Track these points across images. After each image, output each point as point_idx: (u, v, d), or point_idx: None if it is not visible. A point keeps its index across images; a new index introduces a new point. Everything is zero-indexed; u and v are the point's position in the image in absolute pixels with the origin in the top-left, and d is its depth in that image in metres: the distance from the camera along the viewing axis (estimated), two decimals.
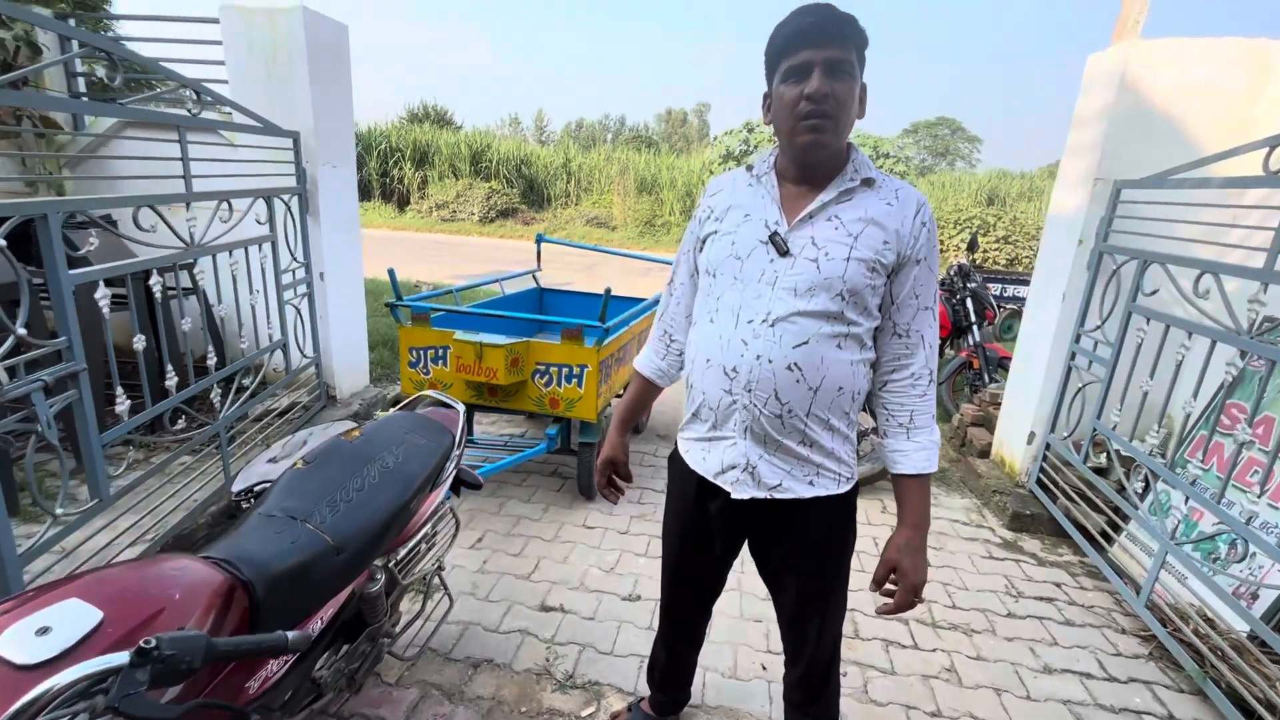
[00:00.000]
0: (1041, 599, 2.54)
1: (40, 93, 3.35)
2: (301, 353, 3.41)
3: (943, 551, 2.84)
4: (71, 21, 3.71)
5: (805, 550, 1.31)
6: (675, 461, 1.41)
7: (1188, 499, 2.27)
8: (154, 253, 2.31)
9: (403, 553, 1.55)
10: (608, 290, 2.77)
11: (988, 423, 3.86)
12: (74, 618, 0.81)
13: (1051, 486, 3.05)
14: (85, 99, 3.78)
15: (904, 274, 1.17)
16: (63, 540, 1.95)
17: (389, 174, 18.78)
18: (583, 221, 16.94)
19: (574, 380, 2.73)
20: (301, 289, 3.38)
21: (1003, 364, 4.38)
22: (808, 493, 1.23)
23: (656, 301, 3.62)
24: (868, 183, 1.17)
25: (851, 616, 2.34)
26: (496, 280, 3.87)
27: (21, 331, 1.65)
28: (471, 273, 9.39)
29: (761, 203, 1.21)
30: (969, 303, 4.52)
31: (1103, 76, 2.88)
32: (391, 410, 1.80)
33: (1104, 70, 2.88)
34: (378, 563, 1.46)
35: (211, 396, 2.61)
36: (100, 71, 3.64)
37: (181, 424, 2.43)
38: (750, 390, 1.17)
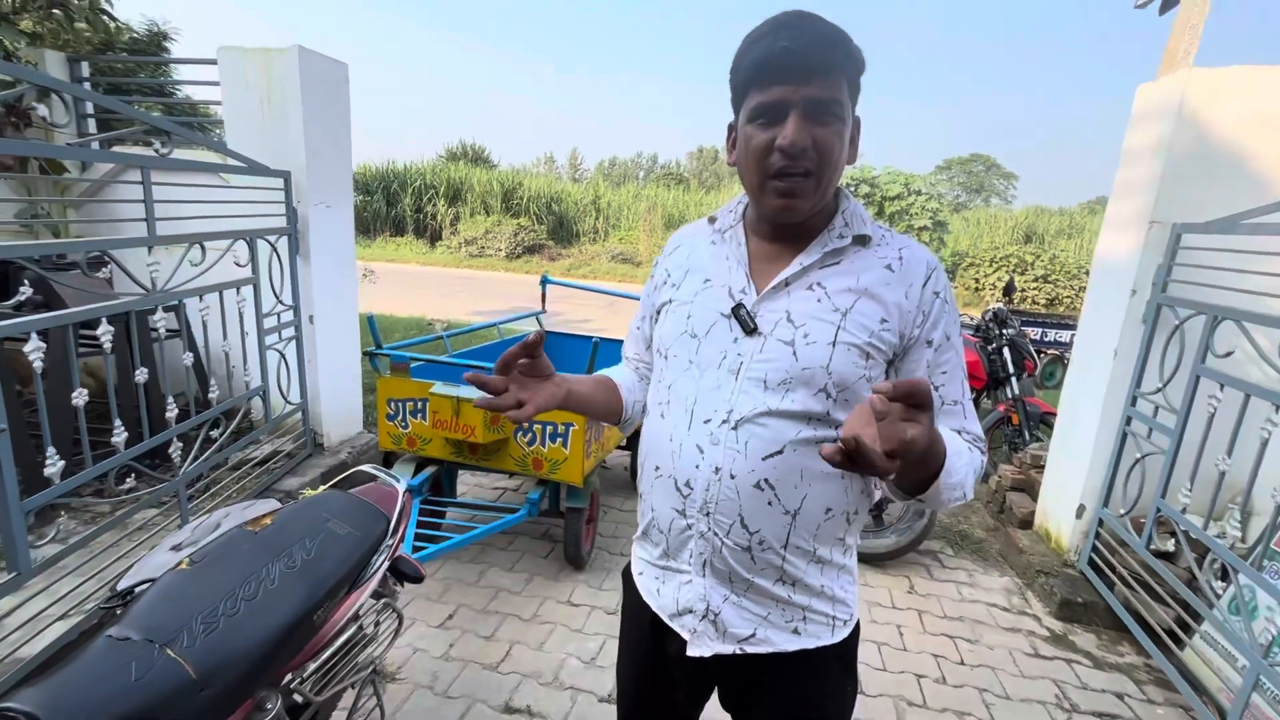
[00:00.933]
0: (1102, 715, 2.13)
1: (33, 141, 3.34)
2: (285, 399, 3.24)
3: (979, 646, 2.46)
4: (85, 66, 3.74)
5: (787, 701, 0.99)
6: (628, 580, 1.12)
7: None
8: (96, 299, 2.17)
9: (312, 668, 1.29)
10: (596, 341, 2.52)
11: (1030, 488, 3.46)
12: None
13: (1106, 570, 2.65)
14: (96, 144, 3.79)
15: (912, 360, 0.89)
16: None
17: (423, 210, 19.21)
18: (608, 257, 16.96)
19: (559, 439, 2.48)
20: (288, 332, 3.23)
21: (1045, 420, 3.98)
22: (792, 644, 0.94)
23: None
24: (861, 240, 0.90)
25: None
26: (494, 324, 3.68)
27: None
28: (490, 309, 9.32)
29: (725, 265, 0.95)
30: (1006, 351, 4.15)
31: (1157, 109, 2.58)
32: (322, 488, 1.57)
33: (1158, 102, 2.58)
34: (273, 686, 1.20)
35: (170, 451, 2.43)
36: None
37: (131, 482, 2.24)
38: (708, 514, 0.90)
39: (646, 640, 1.05)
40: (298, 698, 1.26)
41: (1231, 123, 2.39)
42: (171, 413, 2.40)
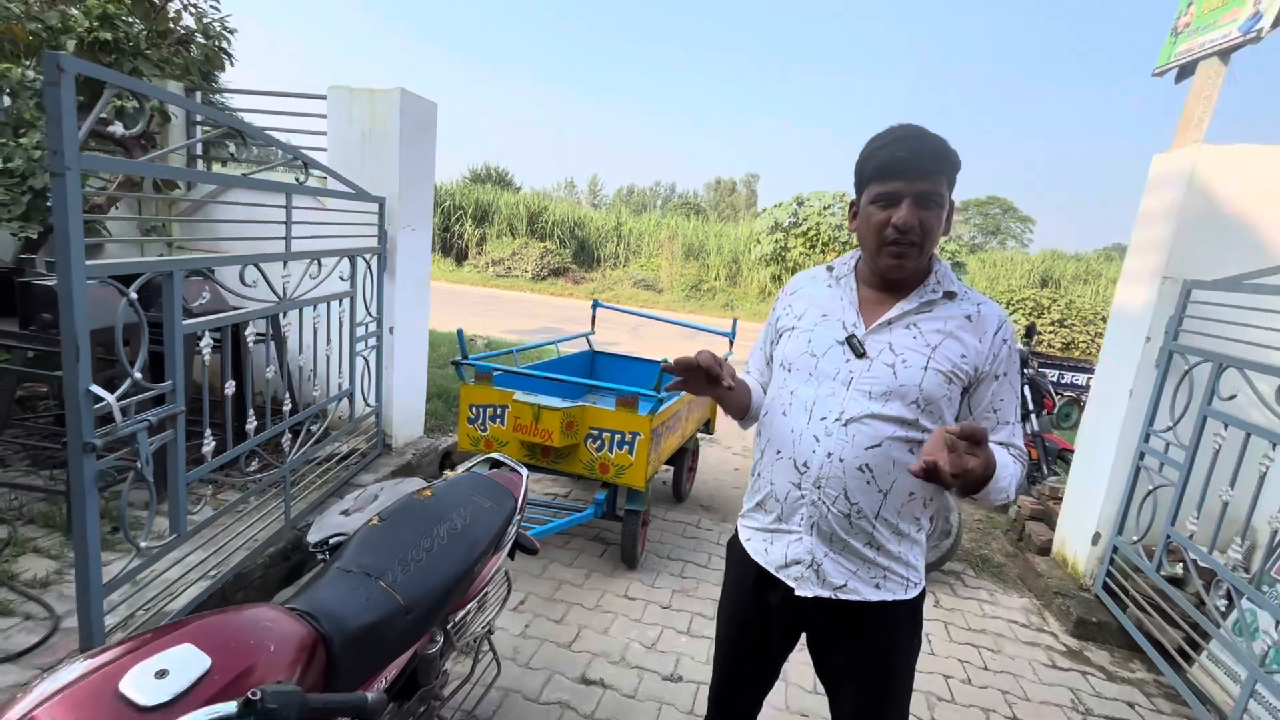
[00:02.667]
0: None
1: (184, 168, 3.73)
2: (366, 402, 3.56)
3: (1000, 655, 2.69)
4: (198, 95, 4.17)
5: (868, 654, 1.26)
6: (734, 548, 1.39)
7: (1278, 623, 2.11)
8: (244, 304, 2.51)
9: (461, 615, 1.58)
10: (665, 362, 2.82)
11: (1048, 518, 3.70)
12: (187, 663, 0.87)
13: (1120, 593, 2.87)
14: (200, 161, 4.20)
15: (982, 389, 1.18)
16: (140, 573, 2.05)
17: (450, 229, 19.80)
18: (630, 283, 17.37)
19: (625, 447, 2.77)
20: (372, 341, 3.57)
21: (1063, 455, 4.22)
22: (874, 595, 1.21)
23: None
24: (949, 295, 1.19)
25: None
26: (554, 342, 4.00)
27: (138, 375, 1.81)
28: (523, 328, 9.68)
29: (840, 304, 1.24)
30: (1026, 390, 4.41)
31: (1170, 177, 2.89)
32: (459, 470, 1.87)
33: (1171, 171, 2.89)
34: (439, 624, 1.49)
35: (282, 441, 2.75)
36: (231, 145, 4.07)
37: (254, 465, 2.55)
38: (820, 487, 1.18)
39: (750, 593, 1.32)
40: (449, 638, 1.55)
41: (1236, 193, 2.69)
42: (286, 407, 2.72)
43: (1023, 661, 2.66)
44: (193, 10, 3.93)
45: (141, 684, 0.83)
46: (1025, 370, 4.57)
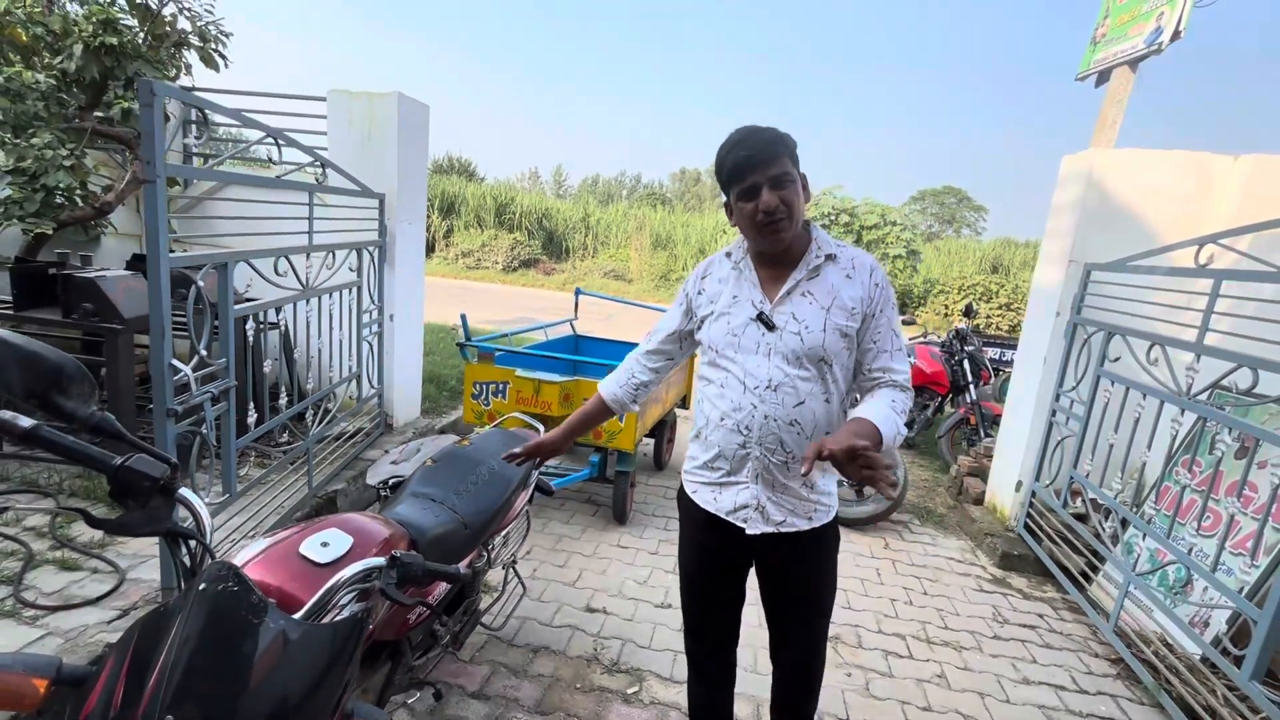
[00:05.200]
0: (1024, 626, 2.86)
1: (216, 169, 3.93)
2: (371, 384, 3.86)
3: (937, 584, 3.17)
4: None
5: (806, 571, 1.51)
6: (683, 499, 1.59)
7: (1145, 536, 2.62)
8: (264, 293, 2.79)
9: (497, 540, 1.94)
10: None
11: (982, 474, 4.22)
12: (339, 539, 1.22)
13: (1037, 530, 3.39)
14: (194, 159, 4.39)
15: (867, 326, 1.40)
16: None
17: None
18: (600, 273, 17.66)
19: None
20: (375, 328, 3.86)
21: (997, 421, 4.76)
22: (807, 525, 1.46)
23: None
24: (830, 258, 1.40)
25: (855, 631, 2.67)
26: (540, 327, 4.35)
27: (204, 351, 2.11)
28: (499, 317, 9.94)
29: (746, 286, 1.43)
30: (966, 364, 4.95)
31: (1075, 175, 3.39)
32: (489, 427, 2.22)
33: (1076, 169, 3.40)
34: (481, 547, 1.85)
35: (305, 417, 3.04)
36: (267, 152, 4.25)
37: (285, 438, 2.85)
38: (761, 444, 1.40)
39: (703, 533, 1.53)
40: (488, 559, 1.91)
41: (1125, 190, 3.20)
42: (310, 385, 3.02)
43: (955, 588, 3.15)
44: (188, 14, 4.11)
45: (314, 549, 1.18)
46: (966, 347, 5.11)
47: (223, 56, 4.21)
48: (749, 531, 1.45)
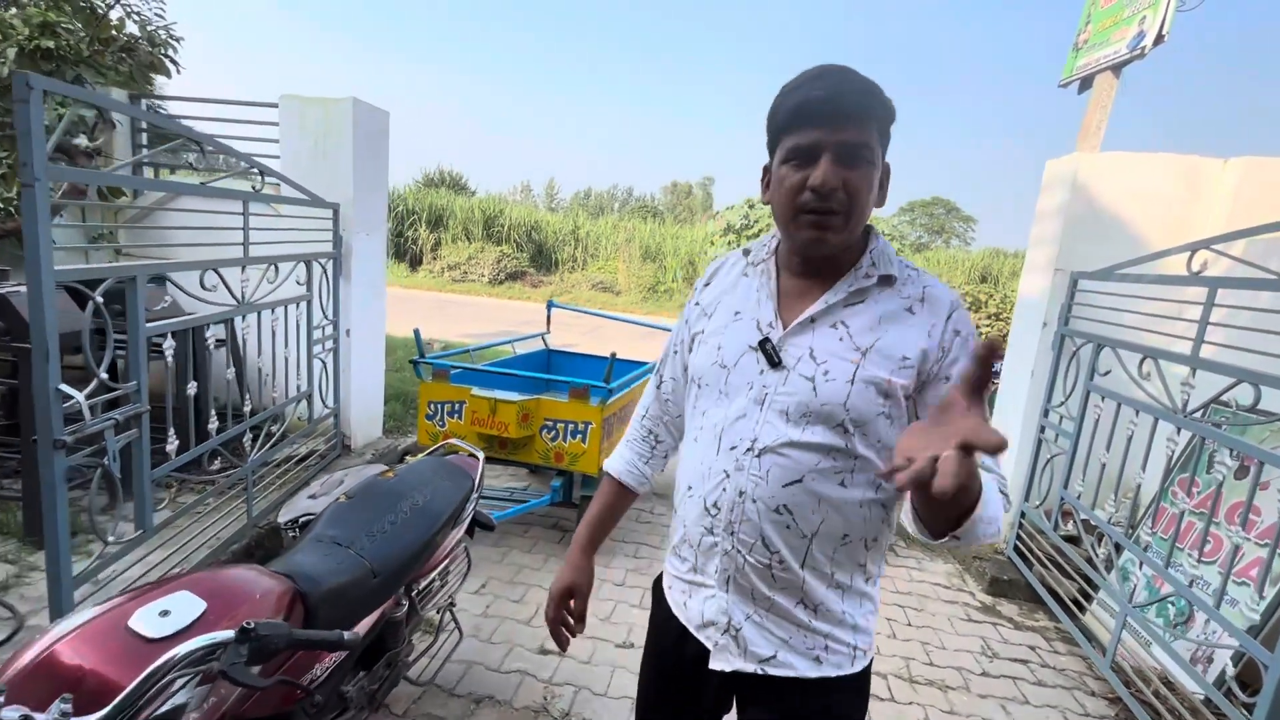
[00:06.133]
0: (1016, 660, 2.66)
1: (146, 177, 3.74)
2: (324, 404, 3.64)
3: (923, 613, 2.97)
4: (143, 103, 4.17)
5: None
6: (657, 592, 1.16)
7: (1141, 564, 2.44)
8: (200, 308, 2.59)
9: (424, 583, 1.73)
10: (613, 354, 3.03)
11: None
12: (186, 605, 1.02)
13: (1027, 553, 3.21)
14: (145, 169, 4.19)
15: (931, 393, 0.91)
16: (104, 569, 2.12)
17: (404, 234, 19.56)
18: (588, 286, 17.51)
19: (579, 435, 2.96)
20: (329, 344, 3.65)
21: None
22: (813, 671, 0.96)
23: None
24: (886, 280, 0.94)
25: None
26: (509, 341, 4.15)
27: (104, 375, 1.90)
28: (479, 331, 9.74)
29: (755, 297, 1.00)
30: None
31: (1059, 180, 3.25)
32: (421, 456, 2.02)
33: (1060, 174, 3.25)
34: (403, 590, 1.64)
35: (244, 440, 2.83)
36: (189, 156, 4.07)
37: (217, 464, 2.64)
38: (733, 533, 0.95)
39: (671, 649, 1.08)
40: (413, 605, 1.70)
41: (1112, 195, 3.06)
42: (247, 407, 2.81)
43: (942, 618, 2.95)
44: (136, 18, 3.93)
45: (148, 621, 0.97)
46: None
47: (174, 62, 4.03)
48: (712, 665, 0.99)
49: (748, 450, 0.94)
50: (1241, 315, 2.33)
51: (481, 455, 2.04)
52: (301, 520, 1.72)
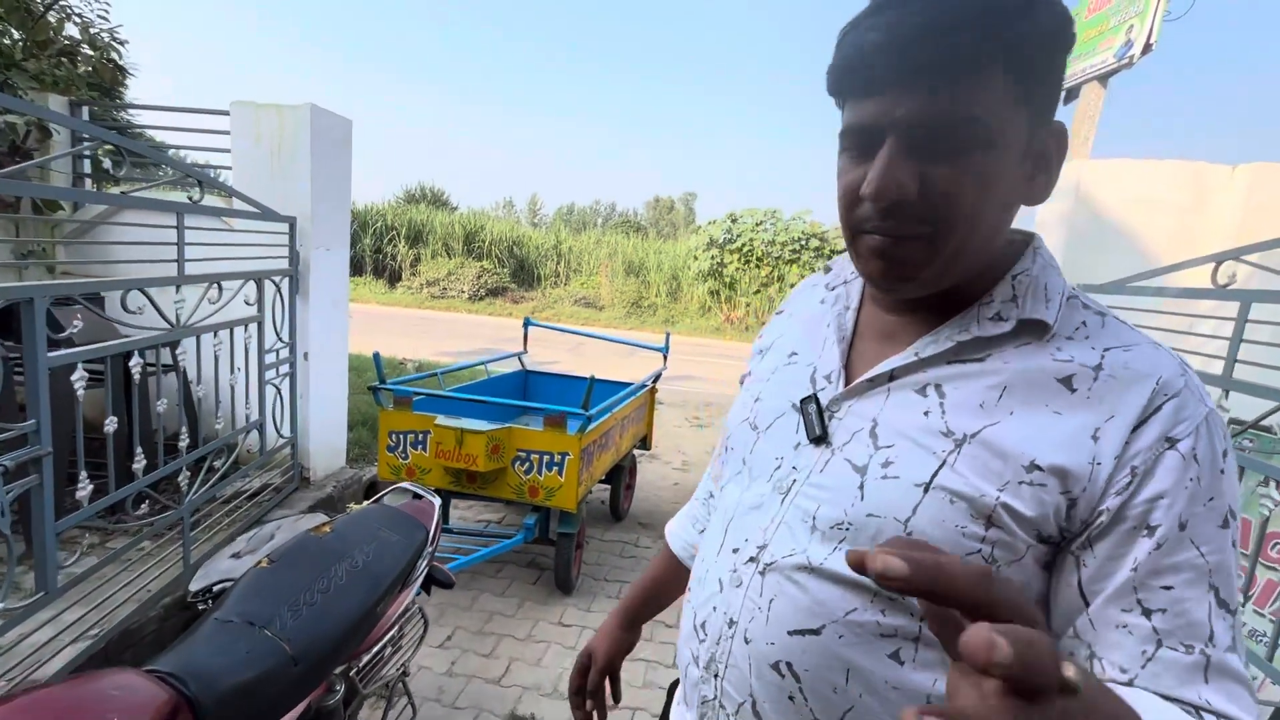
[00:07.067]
0: None
1: (46, 184, 3.45)
2: (279, 433, 3.35)
3: None
4: (85, 110, 3.88)
5: None
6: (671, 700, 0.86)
7: None
8: (137, 331, 2.31)
9: (366, 659, 1.47)
10: (592, 377, 2.79)
11: None
12: None
13: None
14: (89, 180, 3.89)
15: (1104, 551, 0.50)
16: (1, 636, 1.82)
17: (383, 251, 19.21)
18: (571, 301, 17.29)
19: (555, 468, 2.70)
20: (285, 368, 3.37)
21: None
22: None
23: (643, 387, 3.64)
24: (1032, 328, 0.56)
25: None
26: (484, 362, 3.89)
27: None
28: (457, 349, 9.43)
29: (822, 333, 0.68)
30: None
31: (1061, 187, 3.09)
32: (365, 504, 1.76)
33: (1062, 182, 3.10)
34: (337, 672, 1.37)
35: (179, 479, 2.53)
36: (106, 160, 3.78)
37: (144, 508, 2.34)
38: (717, 676, 0.62)
39: None
40: (353, 686, 1.43)
41: (1115, 203, 2.91)
42: (184, 443, 2.52)
43: None
44: (77, 20, 3.67)
45: None
46: None
47: (120, 68, 3.76)
48: None
49: (750, 560, 0.61)
50: (1261, 330, 2.16)
51: (438, 500, 1.78)
52: (216, 588, 1.45)
